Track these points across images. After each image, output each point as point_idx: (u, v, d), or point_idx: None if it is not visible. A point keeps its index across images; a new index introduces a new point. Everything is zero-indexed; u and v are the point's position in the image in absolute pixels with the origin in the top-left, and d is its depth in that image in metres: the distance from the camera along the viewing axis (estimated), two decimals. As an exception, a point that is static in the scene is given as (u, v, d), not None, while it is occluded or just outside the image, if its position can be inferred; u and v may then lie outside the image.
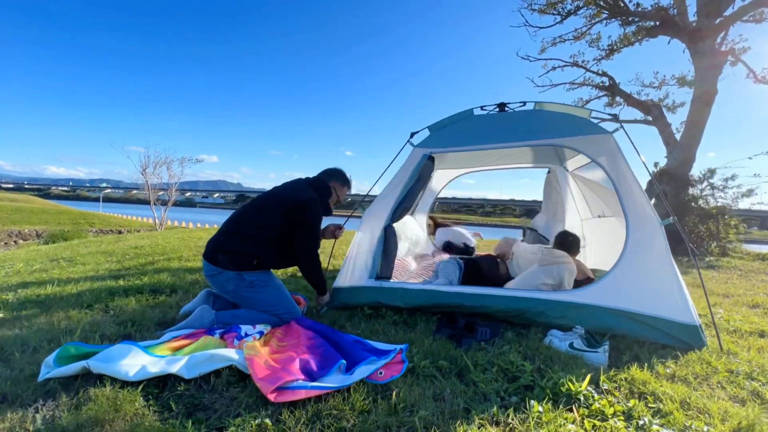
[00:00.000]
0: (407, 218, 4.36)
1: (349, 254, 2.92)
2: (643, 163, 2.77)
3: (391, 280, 2.88)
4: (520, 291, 2.58)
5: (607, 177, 2.61)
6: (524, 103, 3.01)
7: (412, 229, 4.57)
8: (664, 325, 2.21)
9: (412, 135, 3.14)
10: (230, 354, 1.70)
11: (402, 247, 3.95)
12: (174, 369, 1.61)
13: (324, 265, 4.29)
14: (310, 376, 1.67)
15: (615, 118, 2.81)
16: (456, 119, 3.08)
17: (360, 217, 3.03)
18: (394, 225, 2.94)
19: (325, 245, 6.21)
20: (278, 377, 1.55)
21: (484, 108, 3.10)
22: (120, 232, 15.41)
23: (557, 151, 4.35)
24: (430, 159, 3.00)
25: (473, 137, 2.98)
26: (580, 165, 4.01)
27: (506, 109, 3.05)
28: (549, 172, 4.88)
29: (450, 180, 5.27)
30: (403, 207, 2.93)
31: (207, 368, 1.64)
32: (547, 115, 2.91)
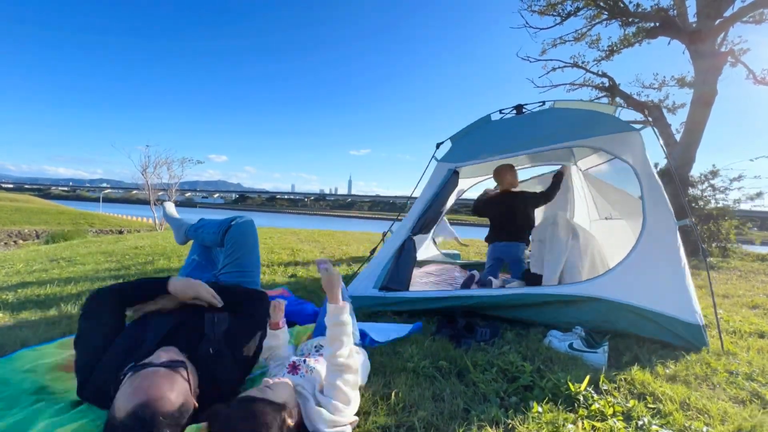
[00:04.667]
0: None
1: (369, 264, 2.93)
2: (668, 161, 2.77)
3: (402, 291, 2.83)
4: (521, 288, 2.58)
5: (618, 177, 2.58)
6: (543, 102, 2.96)
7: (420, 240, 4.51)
8: (667, 322, 2.21)
9: (437, 146, 3.12)
10: None
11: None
12: None
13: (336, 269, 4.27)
14: None
15: (644, 114, 2.80)
16: (475, 127, 3.06)
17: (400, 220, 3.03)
18: (415, 238, 2.91)
19: (333, 251, 6.21)
20: None
21: (502, 111, 3.06)
22: (120, 232, 15.41)
23: (571, 149, 4.30)
24: (455, 173, 2.97)
25: (494, 146, 2.93)
26: (592, 165, 3.96)
27: (524, 111, 3.01)
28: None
29: (465, 189, 5.22)
30: (424, 220, 2.89)
31: None
32: (567, 114, 2.83)
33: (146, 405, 1.03)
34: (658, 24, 8.80)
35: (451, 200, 4.99)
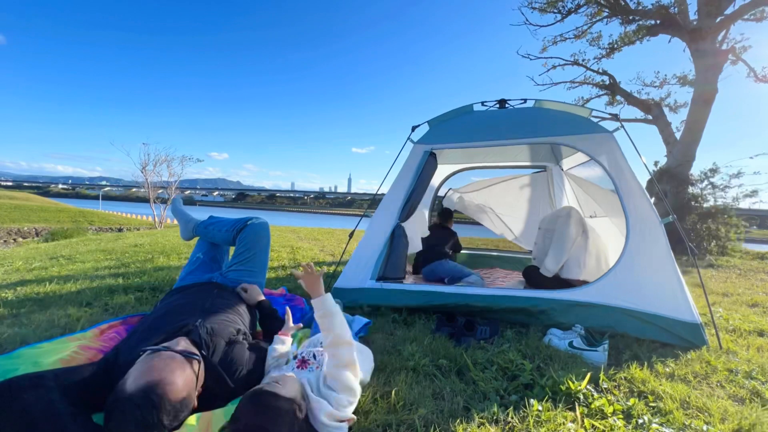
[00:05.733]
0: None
1: (353, 255, 2.91)
2: (644, 163, 2.77)
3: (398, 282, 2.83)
4: (522, 291, 2.58)
5: (603, 176, 2.61)
6: (525, 100, 3.00)
7: (411, 229, 4.54)
8: (665, 323, 2.21)
9: (413, 129, 3.12)
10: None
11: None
12: None
13: (333, 268, 4.28)
14: None
15: (615, 117, 2.81)
16: (456, 114, 3.08)
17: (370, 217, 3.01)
18: (403, 225, 2.92)
19: (333, 248, 6.20)
20: None
21: (485, 104, 3.09)
22: (120, 230, 15.40)
23: (554, 150, 4.34)
24: (432, 155, 2.99)
25: (473, 133, 2.96)
26: (575, 164, 4.00)
27: (506, 105, 3.04)
28: (543, 170, 4.85)
29: (447, 176, 5.25)
30: (409, 205, 2.91)
31: None
32: (547, 113, 2.89)
33: (158, 385, 1.04)
34: (658, 22, 8.79)
35: (433, 184, 5.00)
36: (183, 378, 1.12)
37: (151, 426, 1.01)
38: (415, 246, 4.67)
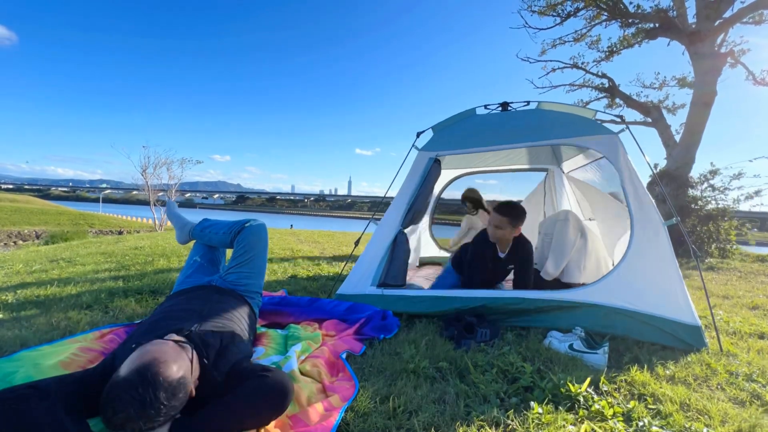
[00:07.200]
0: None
1: (357, 262, 2.90)
2: (648, 164, 2.77)
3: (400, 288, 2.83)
4: (521, 292, 2.58)
5: (602, 179, 2.60)
6: (528, 102, 3.00)
7: (413, 237, 4.52)
8: (665, 325, 2.21)
9: (418, 135, 3.12)
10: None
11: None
12: None
13: (337, 270, 4.28)
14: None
15: (621, 118, 2.81)
16: (459, 119, 3.07)
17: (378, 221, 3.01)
18: (406, 231, 2.91)
19: (333, 251, 6.20)
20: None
21: (488, 107, 3.10)
22: (120, 233, 15.40)
23: (555, 152, 4.34)
24: (437, 162, 2.99)
25: (477, 138, 2.95)
26: (575, 167, 4.00)
27: (509, 108, 3.04)
28: (546, 175, 4.86)
29: (449, 181, 5.27)
30: (413, 212, 2.90)
31: None
32: (550, 114, 2.88)
33: (151, 364, 1.07)
34: (657, 25, 8.82)
35: (435, 190, 5.00)
36: (175, 359, 1.15)
37: (148, 404, 1.02)
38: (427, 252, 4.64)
